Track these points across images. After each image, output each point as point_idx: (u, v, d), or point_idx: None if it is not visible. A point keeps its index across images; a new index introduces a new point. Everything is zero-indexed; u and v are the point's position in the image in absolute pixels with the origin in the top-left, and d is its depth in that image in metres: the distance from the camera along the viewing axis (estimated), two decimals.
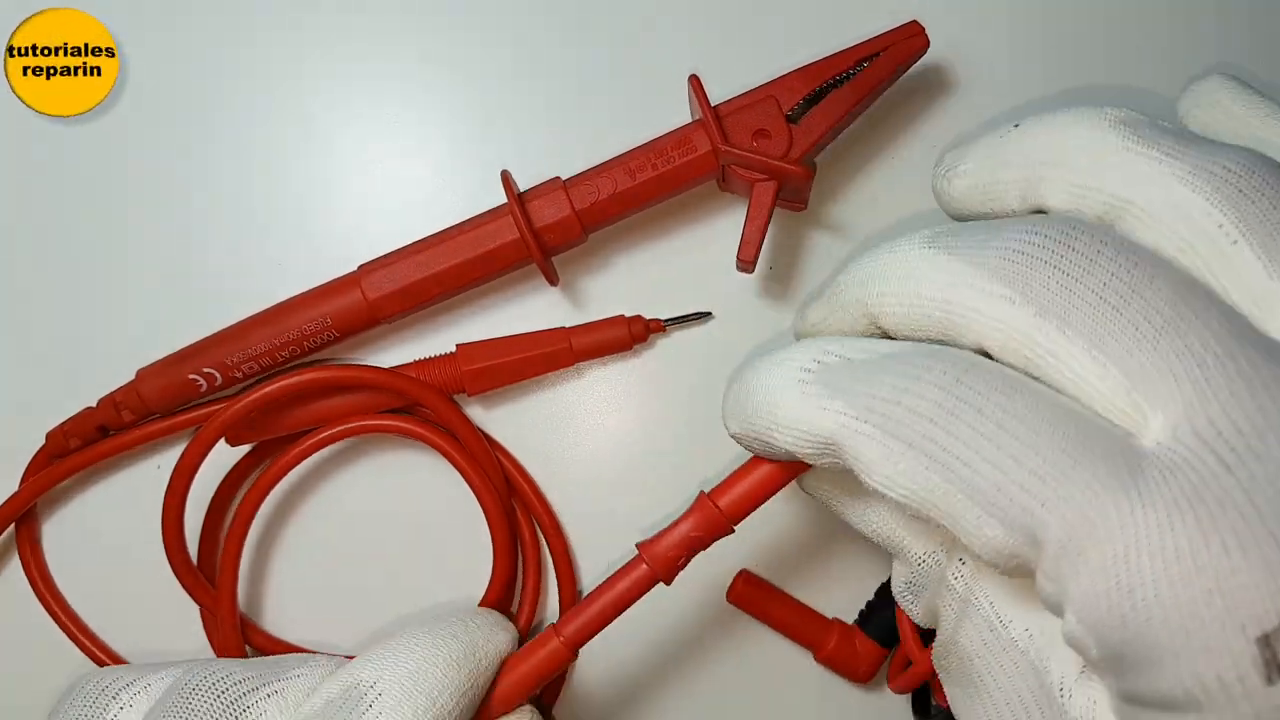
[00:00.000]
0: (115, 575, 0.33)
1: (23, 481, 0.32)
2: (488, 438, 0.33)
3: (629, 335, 0.32)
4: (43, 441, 0.32)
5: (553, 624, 0.25)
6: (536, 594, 0.33)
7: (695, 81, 0.29)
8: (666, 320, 0.33)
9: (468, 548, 0.33)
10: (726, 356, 0.33)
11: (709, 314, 0.33)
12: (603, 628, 0.25)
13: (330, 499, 0.33)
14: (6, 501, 0.32)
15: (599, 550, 0.33)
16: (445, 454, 0.31)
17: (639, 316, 0.33)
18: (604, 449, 0.34)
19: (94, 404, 0.32)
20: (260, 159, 0.33)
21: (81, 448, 0.32)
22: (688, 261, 0.33)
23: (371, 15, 0.33)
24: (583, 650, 0.25)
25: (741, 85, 0.30)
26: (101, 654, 0.33)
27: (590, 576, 0.34)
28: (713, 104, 0.29)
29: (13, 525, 0.32)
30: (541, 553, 0.33)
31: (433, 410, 0.32)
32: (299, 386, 0.30)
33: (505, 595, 0.32)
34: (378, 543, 0.33)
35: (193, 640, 0.33)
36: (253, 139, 0.33)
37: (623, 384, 0.34)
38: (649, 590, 0.25)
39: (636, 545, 0.25)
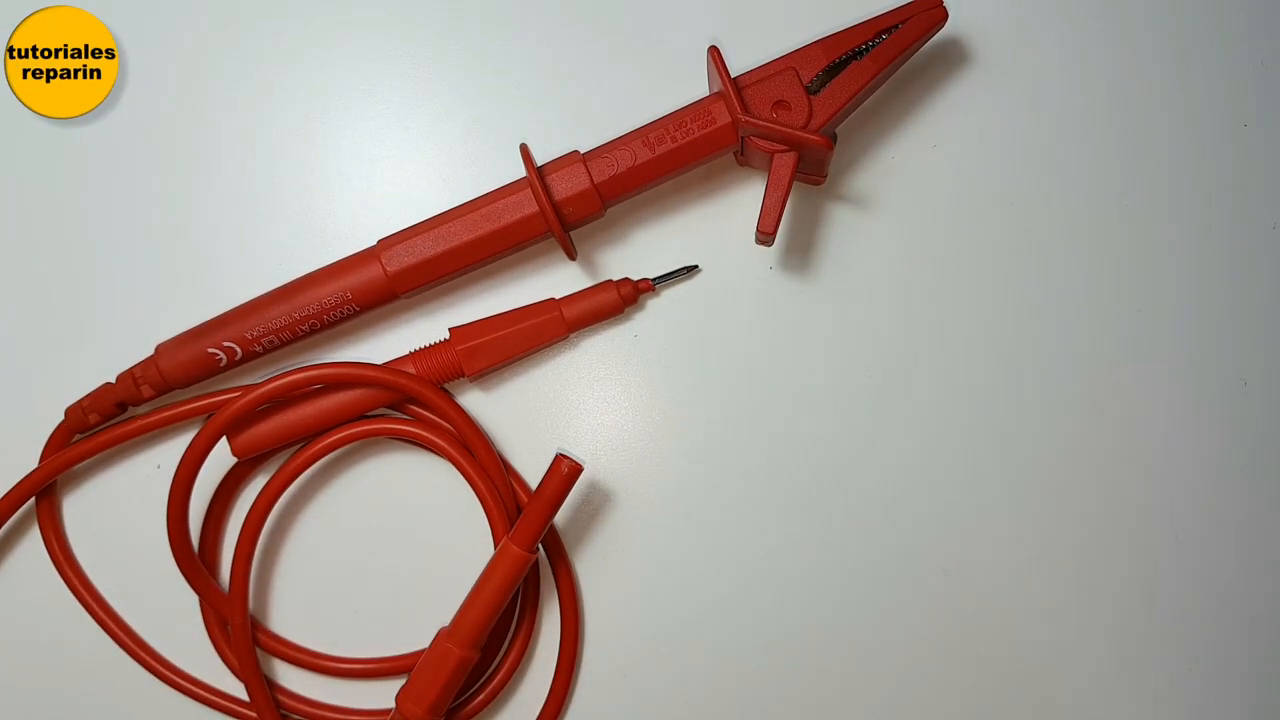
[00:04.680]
0: (113, 567, 0.33)
1: (43, 457, 0.32)
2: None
3: (619, 298, 0.32)
4: (62, 417, 0.32)
5: None
6: (537, 596, 0.33)
7: (715, 53, 0.29)
8: (655, 279, 0.32)
9: (469, 546, 0.32)
10: (749, 341, 0.33)
11: (696, 267, 0.33)
12: None
13: (331, 499, 0.33)
14: (27, 477, 0.32)
15: (597, 548, 0.33)
16: (449, 457, 0.31)
17: (627, 279, 0.32)
18: (605, 447, 0.33)
19: (113, 379, 0.32)
20: (273, 138, 0.33)
21: (100, 423, 0.32)
22: (706, 236, 0.33)
23: None
24: None
25: (761, 57, 0.30)
26: (118, 629, 0.33)
27: (589, 570, 0.33)
28: (732, 75, 0.29)
29: (33, 499, 0.32)
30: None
31: (434, 408, 0.32)
32: (306, 380, 0.30)
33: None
34: (381, 542, 0.33)
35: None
36: (265, 118, 0.33)
37: (626, 382, 0.33)
38: None
39: None
